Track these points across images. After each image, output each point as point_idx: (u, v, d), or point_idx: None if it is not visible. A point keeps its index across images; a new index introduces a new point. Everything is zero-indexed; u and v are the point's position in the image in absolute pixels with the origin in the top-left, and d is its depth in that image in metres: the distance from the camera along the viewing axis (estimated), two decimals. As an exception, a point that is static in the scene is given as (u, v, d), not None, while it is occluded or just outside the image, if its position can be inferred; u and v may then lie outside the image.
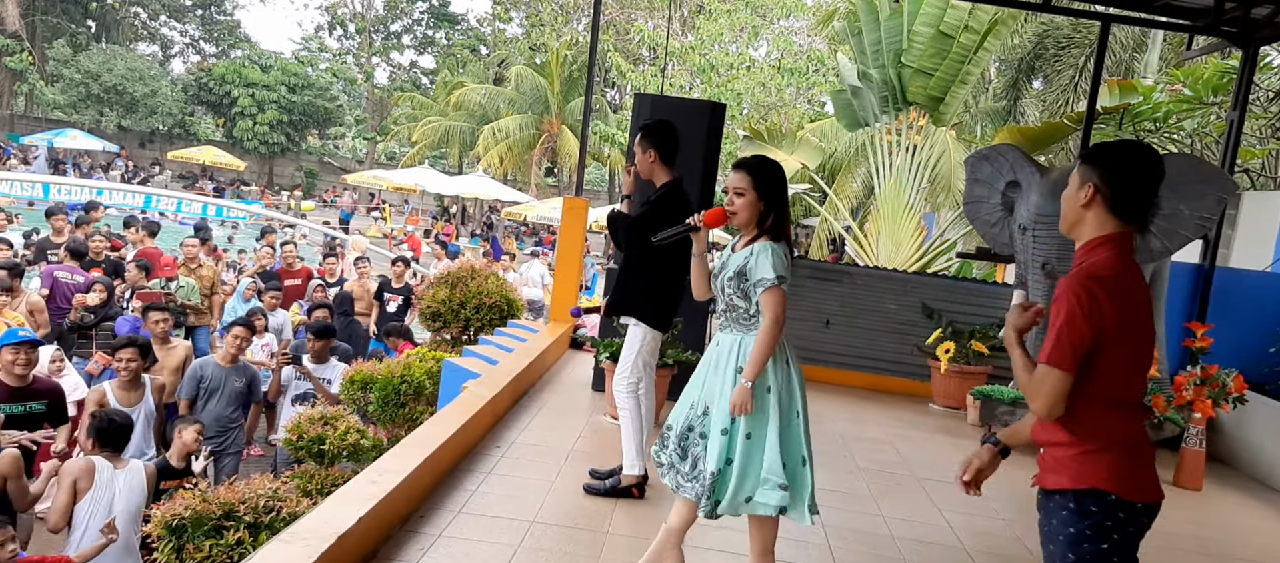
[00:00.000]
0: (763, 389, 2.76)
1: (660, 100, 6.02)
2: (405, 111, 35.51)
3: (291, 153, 38.83)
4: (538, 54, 33.79)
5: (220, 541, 3.27)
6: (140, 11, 41.71)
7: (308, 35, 46.15)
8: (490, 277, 7.38)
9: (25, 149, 31.71)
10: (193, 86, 38.03)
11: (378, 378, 5.60)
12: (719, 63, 19.48)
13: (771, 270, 2.76)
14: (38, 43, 36.36)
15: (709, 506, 2.74)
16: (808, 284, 7.20)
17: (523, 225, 30.04)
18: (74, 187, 20.07)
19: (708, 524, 3.52)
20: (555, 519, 3.47)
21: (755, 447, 2.75)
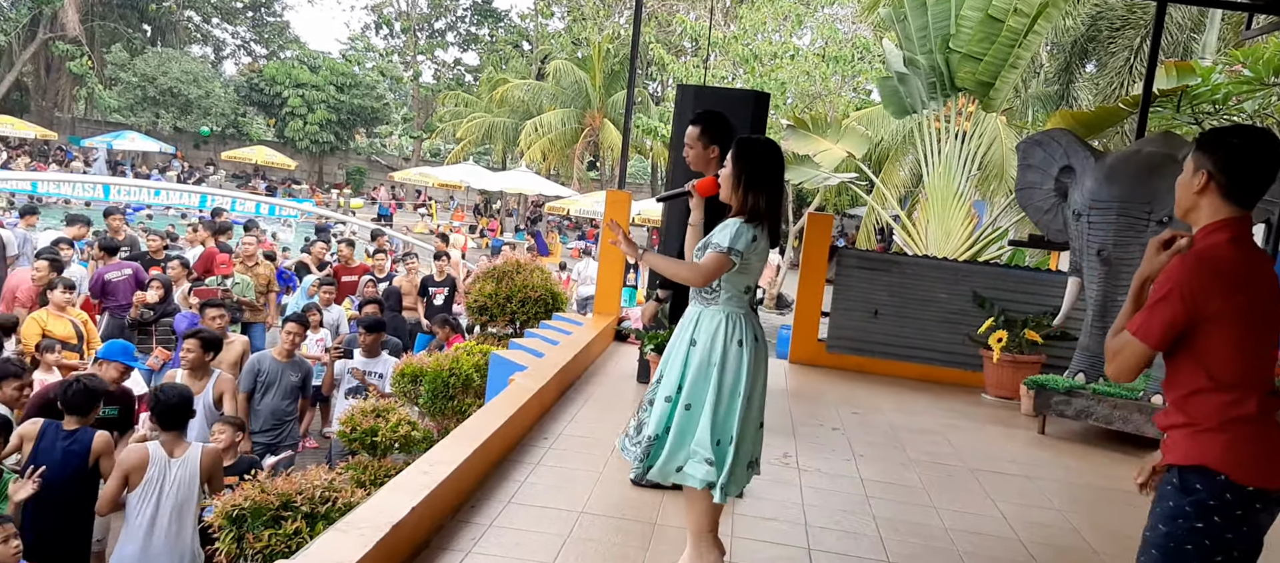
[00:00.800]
0: (710, 363, 2.79)
1: (703, 91, 6.00)
2: (450, 109, 35.89)
3: (340, 151, 39.51)
4: (580, 48, 33.87)
5: (279, 530, 3.34)
6: (193, 14, 42.73)
7: (355, 35, 46.86)
8: (535, 271, 7.43)
9: (86, 152, 32.76)
10: (244, 88, 38.88)
11: (427, 371, 5.67)
12: (762, 52, 19.33)
13: (727, 241, 2.79)
14: (97, 48, 37.47)
15: (640, 469, 2.81)
16: (855, 274, 7.12)
17: (566, 219, 30.20)
18: (132, 187, 20.68)
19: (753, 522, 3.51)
20: (603, 510, 3.49)
21: (692, 418, 2.79)
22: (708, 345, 2.79)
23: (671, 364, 2.85)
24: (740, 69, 20.77)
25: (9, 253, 8.77)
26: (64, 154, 33.15)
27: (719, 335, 2.80)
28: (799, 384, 6.43)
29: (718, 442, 2.75)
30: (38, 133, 31.63)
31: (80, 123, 37.99)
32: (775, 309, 18.60)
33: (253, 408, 6.03)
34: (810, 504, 3.78)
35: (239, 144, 36.94)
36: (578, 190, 29.11)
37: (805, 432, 5.00)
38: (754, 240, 2.81)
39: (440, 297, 9.45)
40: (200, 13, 42.87)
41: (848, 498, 3.95)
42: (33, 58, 36.23)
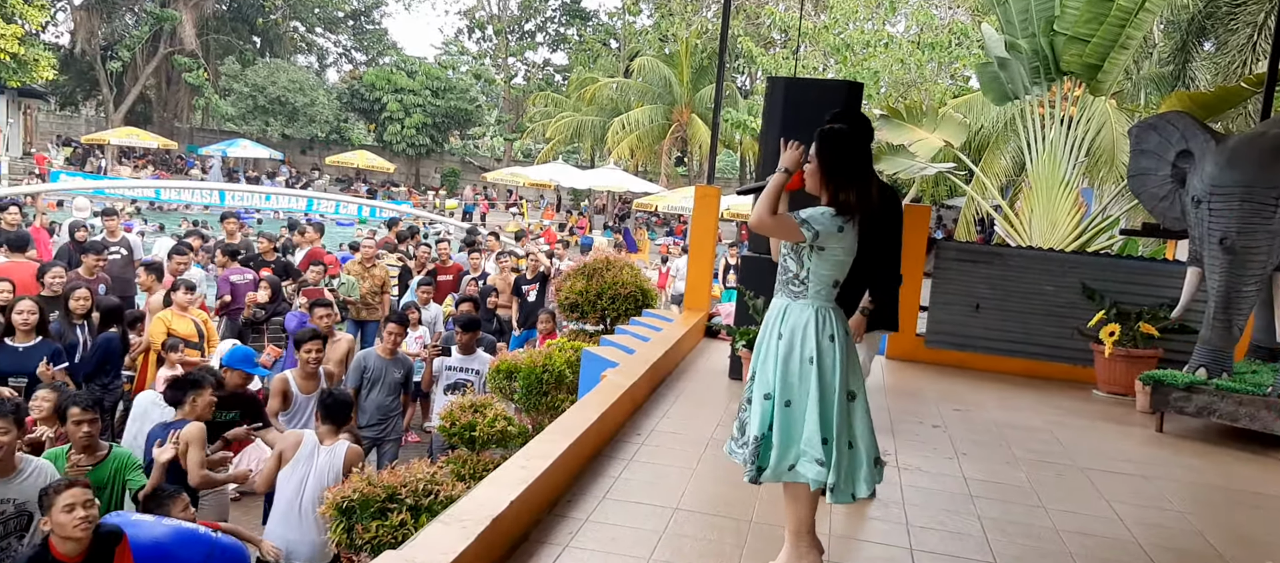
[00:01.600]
0: (805, 359, 2.73)
1: (793, 83, 5.91)
2: (540, 109, 36.48)
3: (436, 154, 40.68)
4: (667, 44, 33.90)
5: (385, 522, 3.46)
6: (298, 25, 44.71)
7: (448, 39, 48.18)
8: (625, 268, 7.47)
9: (203, 159, 34.69)
10: (346, 95, 40.44)
11: (521, 367, 5.79)
12: (854, 41, 18.91)
13: (808, 213, 2.74)
14: (211, 60, 39.61)
15: (753, 471, 2.75)
16: (955, 267, 6.89)
17: (654, 215, 30.30)
18: (245, 192, 21.79)
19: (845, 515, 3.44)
20: (697, 507, 3.48)
21: (795, 417, 2.73)
22: (799, 342, 2.74)
23: (764, 361, 2.81)
24: (831, 59, 20.39)
25: (136, 255, 9.36)
26: (184, 162, 35.20)
27: (809, 331, 2.74)
28: (897, 381, 6.28)
29: (825, 440, 2.70)
30: (160, 143, 33.71)
31: (197, 132, 40.24)
32: (870, 304, 18.17)
33: (360, 404, 6.27)
34: (911, 503, 3.69)
35: (341, 149, 38.46)
36: (665, 186, 29.14)
37: (904, 429, 4.87)
38: (840, 230, 2.74)
39: (533, 293, 9.61)
40: (305, 23, 44.82)
41: (951, 497, 3.84)
42: (155, 71, 38.57)
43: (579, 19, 45.95)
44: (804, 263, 2.78)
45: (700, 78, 30.13)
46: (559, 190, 33.15)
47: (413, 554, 2.47)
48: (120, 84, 37.85)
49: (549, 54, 48.45)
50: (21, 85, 29.25)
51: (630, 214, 31.02)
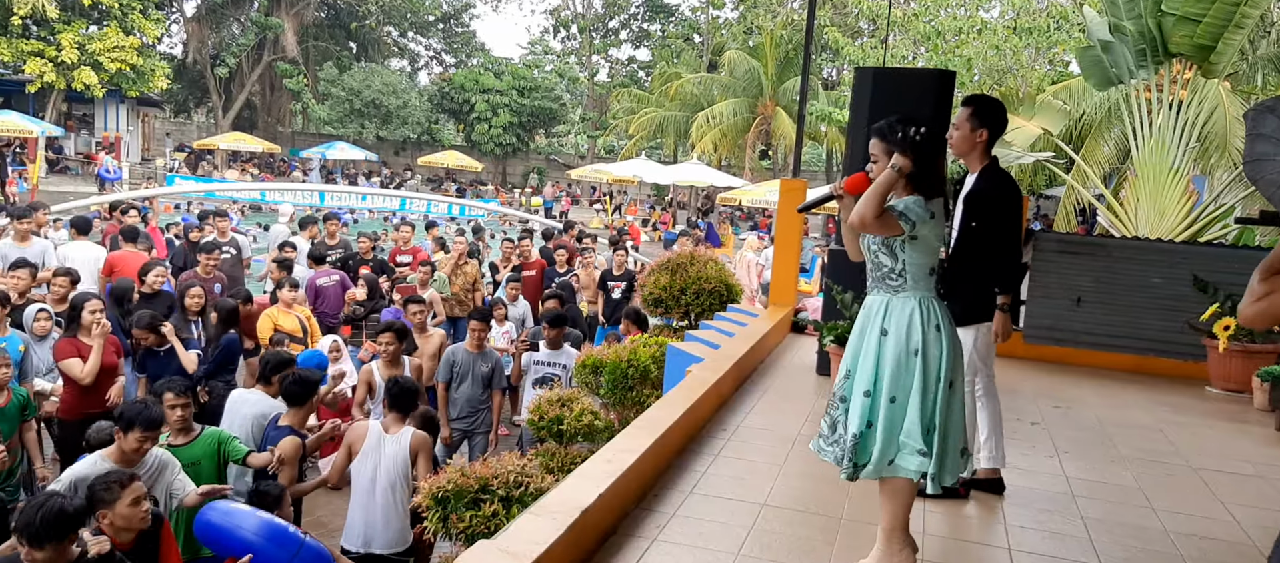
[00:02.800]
0: (910, 352, 2.68)
1: (882, 73, 5.77)
2: (624, 106, 36.68)
3: (522, 152, 41.37)
4: (752, 36, 33.59)
5: (478, 512, 3.55)
6: (392, 30, 46.16)
7: (534, 39, 48.90)
8: (709, 263, 7.45)
9: (304, 162, 36.19)
10: (436, 96, 41.53)
11: (607, 362, 5.84)
12: (945, 28, 18.34)
13: (900, 206, 2.68)
14: (311, 66, 41.26)
15: (850, 468, 2.70)
16: (1055, 259, 6.63)
17: (738, 210, 30.08)
18: (343, 193, 22.63)
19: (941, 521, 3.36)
20: (786, 503, 3.45)
21: (898, 410, 2.68)
22: (903, 334, 2.70)
23: (863, 357, 2.76)
24: (921, 47, 19.83)
25: (244, 255, 9.84)
26: (287, 165, 36.80)
27: (915, 323, 2.70)
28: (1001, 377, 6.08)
29: (928, 431, 2.67)
30: (264, 147, 35.32)
31: (298, 136, 41.98)
32: (963, 298, 17.65)
33: (450, 396, 6.45)
34: (1010, 502, 3.57)
35: (432, 150, 39.51)
36: (750, 180, 28.91)
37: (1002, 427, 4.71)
38: (931, 217, 2.71)
39: (618, 290, 9.68)
40: (398, 28, 46.22)
41: (1051, 497, 3.70)
42: (259, 79, 40.41)
43: (662, 14, 45.98)
44: (898, 256, 2.74)
45: (785, 70, 29.75)
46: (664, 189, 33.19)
47: (506, 544, 2.53)
48: (228, 91, 39.81)
49: (633, 50, 48.66)
50: (140, 94, 31.11)
51: (713, 209, 30.88)
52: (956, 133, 3.61)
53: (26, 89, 28.18)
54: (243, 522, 3.94)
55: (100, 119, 32.23)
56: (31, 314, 6.15)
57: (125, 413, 3.98)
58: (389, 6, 43.11)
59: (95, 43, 28.25)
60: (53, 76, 27.60)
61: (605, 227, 26.59)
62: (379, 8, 42.82)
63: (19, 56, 27.21)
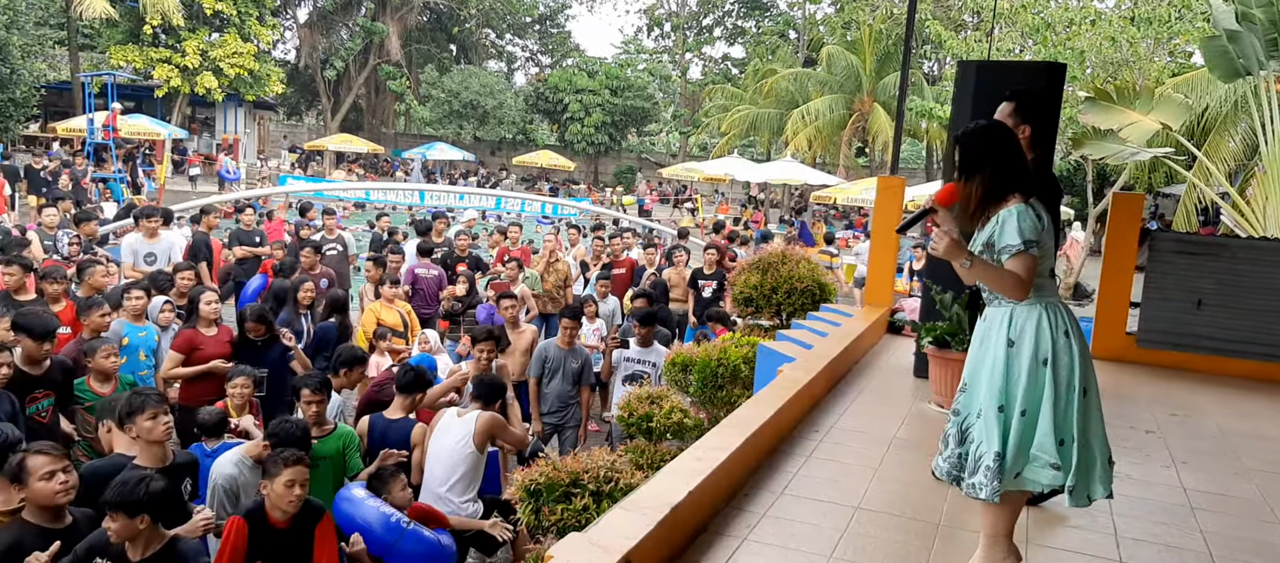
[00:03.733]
0: (1039, 362, 2.55)
1: (987, 66, 5.57)
2: (717, 103, 36.55)
3: (613, 151, 41.73)
4: (850, 31, 32.92)
5: (569, 506, 3.60)
6: (490, 32, 47.30)
7: (628, 38, 49.25)
8: (801, 262, 7.33)
9: (406, 163, 37.45)
10: (531, 97, 42.32)
11: (697, 361, 5.82)
12: (1056, 20, 17.54)
13: (1017, 236, 2.56)
14: (413, 69, 42.69)
15: (994, 488, 2.56)
16: (1173, 260, 6.26)
17: (832, 208, 29.55)
18: (442, 192, 23.30)
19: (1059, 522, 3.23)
20: (881, 507, 3.38)
21: (1029, 424, 2.56)
22: (1032, 344, 2.58)
23: (990, 372, 2.62)
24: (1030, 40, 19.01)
25: (350, 251, 10.25)
26: (389, 165, 38.16)
27: (1043, 330, 2.58)
28: (1104, 382, 5.71)
29: (1062, 441, 2.55)
30: (369, 147, 36.73)
31: (400, 137, 43.47)
32: (1072, 299, 16.90)
33: (542, 391, 6.57)
34: (1121, 514, 3.39)
35: (527, 149, 40.28)
36: (845, 178, 28.34)
37: (1113, 434, 4.42)
38: (1038, 220, 2.60)
39: (709, 289, 9.65)
40: (496, 30, 47.34)
41: (1167, 509, 3.50)
42: (365, 81, 42.04)
43: (757, 10, 45.59)
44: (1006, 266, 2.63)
45: (884, 65, 29.05)
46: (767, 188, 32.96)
47: (597, 537, 2.56)
48: (336, 94, 41.55)
49: (727, 48, 48.46)
50: (256, 98, 32.83)
51: (807, 207, 30.43)
52: None
53: (155, 93, 30.08)
54: (362, 511, 4.18)
55: (220, 122, 34.16)
56: (158, 306, 6.57)
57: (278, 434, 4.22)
58: (488, 9, 44.15)
59: (216, 49, 29.97)
60: (178, 81, 29.42)
61: (696, 226, 26.55)
62: (479, 11, 43.90)
63: (149, 63, 29.09)
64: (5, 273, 6.28)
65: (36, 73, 22.83)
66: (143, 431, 3.86)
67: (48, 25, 27.53)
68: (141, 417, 3.87)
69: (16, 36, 20.86)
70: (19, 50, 20.95)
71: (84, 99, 25.64)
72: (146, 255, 8.36)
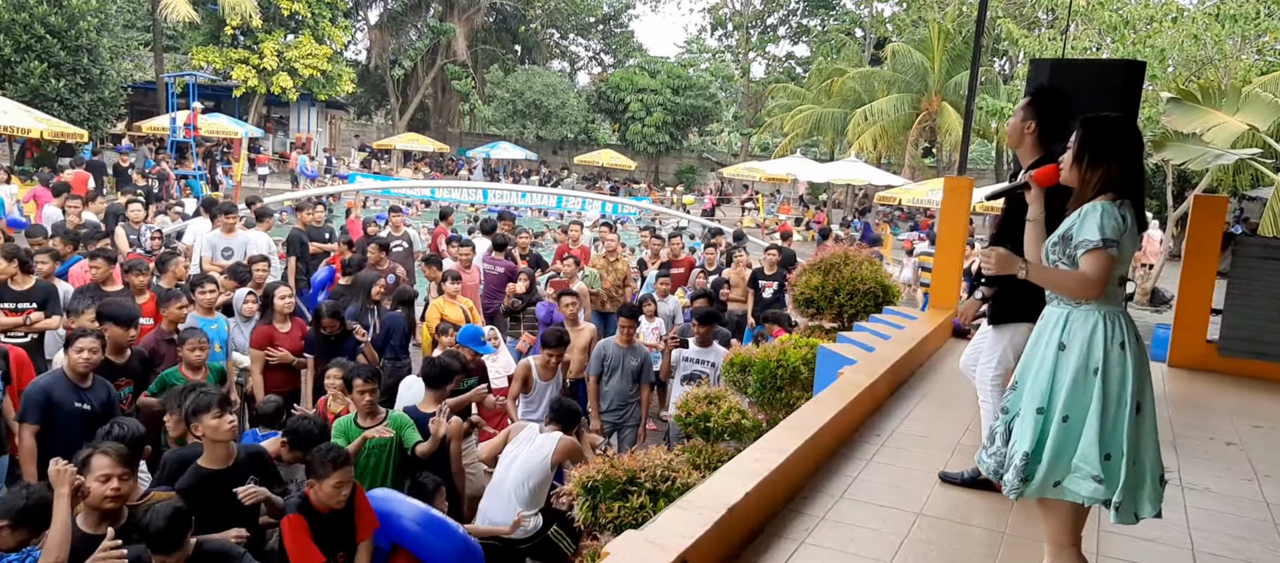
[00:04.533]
0: (1089, 370, 2.46)
1: (1061, 64, 5.40)
2: (779, 102, 36.24)
3: (674, 151, 41.70)
4: (919, 28, 32.28)
5: (626, 503, 3.61)
6: (554, 32, 47.75)
7: (691, 38, 49.14)
8: (864, 263, 7.21)
9: (470, 161, 38.07)
10: (594, 96, 42.58)
11: (755, 361, 5.78)
12: (1135, 17, 16.92)
13: (1098, 232, 2.46)
14: (478, 69, 43.37)
15: (1018, 486, 2.51)
16: (1259, 266, 5.98)
17: (897, 209, 29.03)
18: (504, 190, 23.61)
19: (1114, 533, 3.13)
20: (944, 513, 3.31)
21: (1072, 431, 2.47)
22: (1083, 351, 2.50)
23: (1037, 372, 2.57)
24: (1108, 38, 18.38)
25: (414, 249, 10.46)
26: (454, 164, 38.83)
27: (1097, 339, 2.50)
28: (1182, 391, 5.57)
29: (1107, 455, 2.46)
30: (435, 146, 37.43)
31: (465, 136, 44.18)
32: (1150, 305, 16.30)
33: (600, 390, 6.60)
34: (1198, 528, 3.26)
35: (588, 149, 40.54)
36: (910, 178, 27.81)
37: (1191, 446, 4.32)
38: (1124, 221, 2.49)
39: (770, 290, 9.57)
40: (560, 30, 47.76)
41: (1247, 523, 3.35)
42: (432, 81, 42.85)
43: (823, 8, 45.06)
44: (1078, 265, 2.54)
45: (954, 64, 28.43)
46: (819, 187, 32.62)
47: (653, 535, 2.56)
48: (404, 94, 42.45)
49: (791, 46, 48.01)
50: (328, 97, 33.75)
51: (871, 208, 29.95)
52: (1010, 121, 3.51)
53: (233, 93, 31.17)
54: (403, 510, 4.21)
55: (294, 121, 35.21)
56: (241, 297, 6.82)
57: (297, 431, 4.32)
58: (553, 9, 44.56)
59: (292, 50, 30.92)
60: (255, 81, 30.43)
61: (757, 226, 26.37)
62: (543, 11, 44.34)
63: (228, 64, 30.16)
64: (92, 266, 6.58)
65: (124, 73, 23.87)
66: (208, 429, 3.90)
67: (135, 27, 28.80)
68: (207, 416, 3.90)
69: (106, 38, 21.84)
70: (108, 52, 21.94)
71: (167, 98, 26.72)
72: (224, 250, 8.66)
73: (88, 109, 21.22)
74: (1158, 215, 21.00)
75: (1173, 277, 7.95)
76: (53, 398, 4.50)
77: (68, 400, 4.52)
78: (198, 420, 3.92)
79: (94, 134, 21.81)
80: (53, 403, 4.49)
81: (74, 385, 4.61)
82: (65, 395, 4.54)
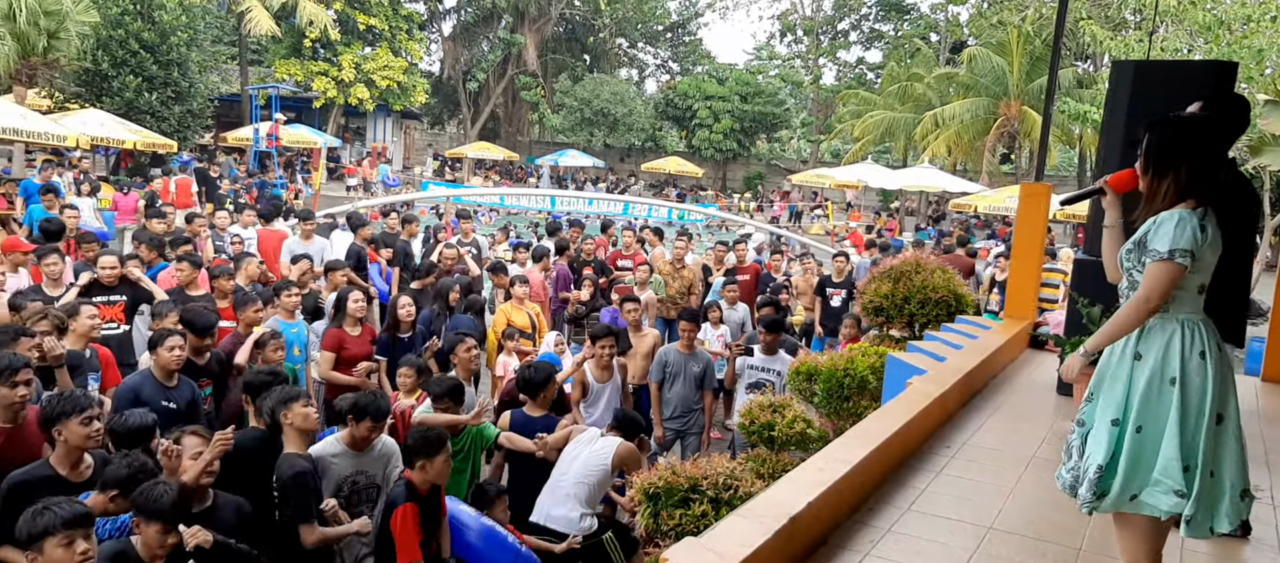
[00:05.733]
0: (1166, 380, 2.36)
1: (1145, 66, 5.20)
2: (850, 108, 35.74)
3: (742, 158, 41.49)
4: (999, 31, 31.45)
5: (688, 511, 3.59)
6: (623, 41, 48.09)
7: (760, 44, 48.88)
8: (936, 271, 7.04)
9: (538, 169, 38.58)
10: (661, 104, 42.69)
11: (822, 370, 5.69)
12: (1230, 16, 16.13)
13: (1167, 242, 2.34)
14: (548, 78, 43.95)
15: (1092, 500, 2.41)
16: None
17: (974, 217, 28.29)
18: (571, 198, 23.84)
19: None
20: (1016, 528, 3.19)
21: (1147, 442, 2.36)
22: (1160, 360, 2.40)
23: (1113, 382, 2.48)
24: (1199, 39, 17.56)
25: (483, 254, 10.61)
26: (523, 172, 39.40)
27: (1174, 348, 2.40)
28: (1275, 405, 5.27)
29: (1187, 467, 2.35)
30: (505, 155, 38.05)
31: (534, 144, 44.80)
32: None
33: (663, 396, 6.58)
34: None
35: (656, 156, 40.64)
36: (987, 185, 27.07)
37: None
38: (1202, 231, 2.37)
39: (837, 298, 9.42)
40: (629, 39, 48.07)
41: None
42: (503, 91, 43.60)
43: (897, 12, 44.30)
44: None
45: (1035, 67, 27.59)
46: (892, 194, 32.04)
47: (713, 543, 2.53)
48: (476, 104, 43.28)
49: (863, 52, 47.32)
50: (403, 108, 34.63)
51: (945, 216, 29.24)
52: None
53: (313, 104, 32.26)
54: (467, 522, 4.30)
55: (370, 131, 36.21)
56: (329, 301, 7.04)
57: (358, 403, 4.43)
58: (621, 18, 44.86)
59: (369, 63, 31.86)
60: (334, 93, 31.42)
61: (826, 233, 26.02)
62: (612, 20, 44.69)
63: (309, 75, 31.23)
64: (177, 270, 6.86)
65: (211, 86, 24.93)
66: (297, 418, 4.11)
67: (222, 42, 30.04)
68: (296, 405, 4.13)
69: (195, 53, 22.86)
70: (197, 65, 22.96)
71: (251, 110, 27.79)
72: (299, 256, 8.93)
73: (177, 121, 22.21)
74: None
75: (1269, 288, 7.56)
76: (141, 396, 4.69)
77: (156, 399, 4.71)
78: (287, 409, 4.09)
79: (183, 144, 22.82)
80: (141, 401, 4.69)
81: (161, 385, 4.80)
82: (153, 394, 4.73)
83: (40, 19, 17.57)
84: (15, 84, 17.90)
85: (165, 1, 21.64)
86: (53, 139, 15.48)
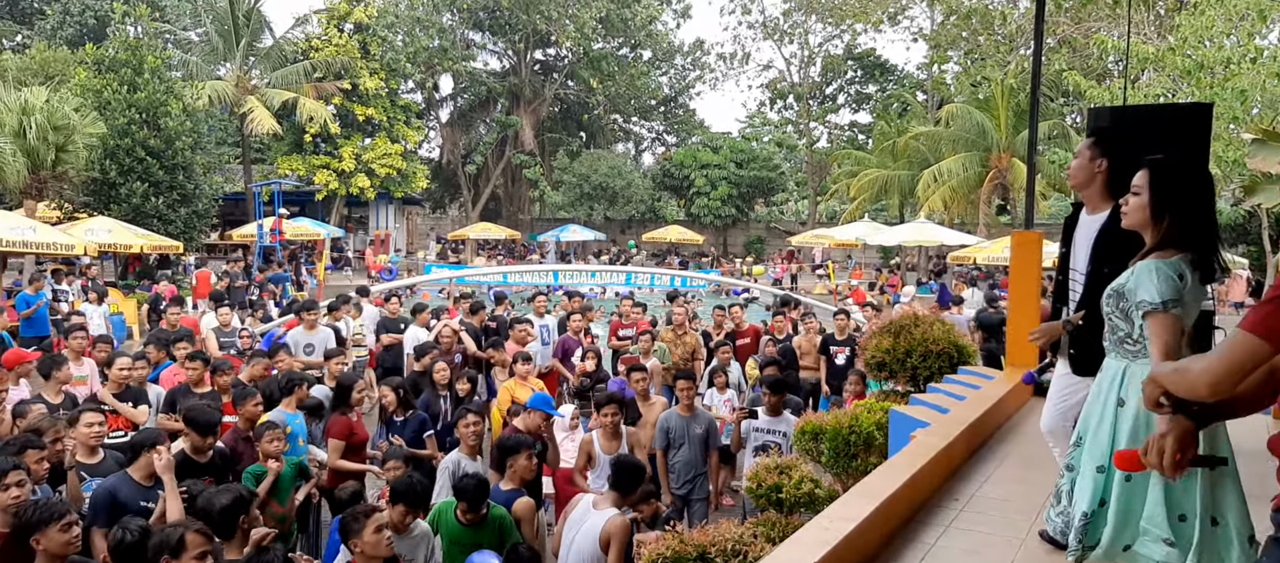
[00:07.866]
0: (1150, 427, 2.32)
1: (1121, 111, 5.32)
2: (844, 169, 36.20)
3: (741, 222, 41.88)
4: (980, 89, 32.07)
5: (695, 580, 3.57)
6: (618, 117, 49.02)
7: (752, 112, 49.77)
8: (936, 323, 7.07)
9: (541, 246, 38.93)
10: (659, 175, 43.30)
11: (827, 428, 5.67)
12: (1210, 60, 16.43)
13: (1154, 293, 2.33)
14: (545, 156, 44.70)
15: (1079, 550, 2.41)
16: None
17: (975, 268, 28.38)
18: (574, 271, 24.00)
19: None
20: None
21: (1136, 490, 2.35)
22: (1142, 407, 2.37)
23: (1098, 427, 2.49)
24: (1182, 83, 17.86)
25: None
26: (526, 249, 39.76)
27: None
28: None
29: (1181, 517, 2.32)
30: (507, 234, 38.46)
31: (536, 221, 45.29)
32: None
33: (669, 463, 6.54)
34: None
35: (656, 226, 41.04)
36: (985, 236, 27.23)
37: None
38: (1182, 279, 2.38)
39: (841, 356, 9.42)
40: (623, 114, 49.01)
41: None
42: (502, 171, 44.28)
43: (879, 71, 45.22)
44: (1133, 319, 2.45)
45: (1021, 120, 28.05)
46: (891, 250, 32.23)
47: (716, 608, 2.52)
48: (476, 186, 43.93)
49: (852, 114, 48.16)
50: (404, 194, 35.15)
51: (946, 269, 29.34)
52: (1075, 163, 3.33)
53: (315, 197, 32.77)
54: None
55: (372, 219, 36.70)
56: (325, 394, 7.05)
57: (396, 487, 4.44)
58: (614, 95, 45.83)
59: (368, 152, 32.47)
60: (335, 184, 31.95)
61: (829, 292, 26.08)
62: (606, 97, 45.66)
63: (310, 169, 31.80)
64: (189, 367, 6.91)
65: (215, 187, 25.37)
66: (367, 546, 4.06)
67: (226, 143, 30.71)
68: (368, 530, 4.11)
69: (200, 156, 23.35)
70: (201, 168, 23.41)
71: (255, 206, 28.25)
72: (305, 346, 9.00)
73: (184, 222, 22.55)
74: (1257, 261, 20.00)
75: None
76: (118, 499, 4.54)
77: (134, 501, 4.57)
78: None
79: (189, 245, 23.12)
80: (119, 503, 4.53)
81: (138, 485, 4.67)
82: (131, 496, 4.59)
83: (49, 134, 17.97)
84: (25, 198, 18.23)
85: (171, 108, 22.18)
86: (62, 249, 15.73)
